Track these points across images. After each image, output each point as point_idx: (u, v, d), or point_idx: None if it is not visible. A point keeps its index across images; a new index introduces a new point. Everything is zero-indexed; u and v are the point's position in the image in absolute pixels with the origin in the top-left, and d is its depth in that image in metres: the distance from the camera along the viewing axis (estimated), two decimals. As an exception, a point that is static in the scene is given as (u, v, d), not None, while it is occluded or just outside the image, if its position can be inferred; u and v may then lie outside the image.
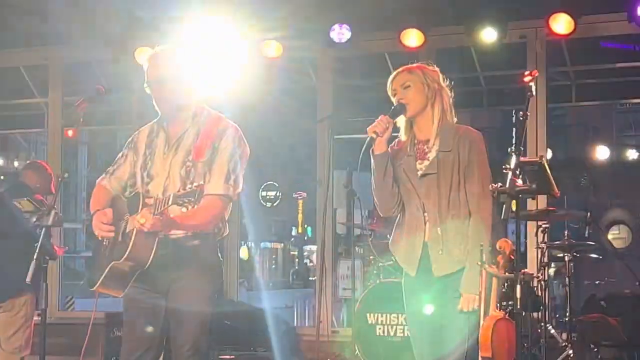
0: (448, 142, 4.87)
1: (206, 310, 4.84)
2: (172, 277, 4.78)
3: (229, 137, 4.82)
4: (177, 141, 4.88)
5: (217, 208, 4.75)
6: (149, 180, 4.88)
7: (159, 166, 4.88)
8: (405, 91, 4.90)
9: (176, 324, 4.81)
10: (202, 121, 4.90)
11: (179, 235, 4.77)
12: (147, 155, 4.94)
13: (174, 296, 4.79)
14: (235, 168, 4.79)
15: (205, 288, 4.82)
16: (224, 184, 4.75)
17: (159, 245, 4.68)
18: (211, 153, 4.79)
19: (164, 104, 4.88)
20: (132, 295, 4.86)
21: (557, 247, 8.28)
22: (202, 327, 4.83)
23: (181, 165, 4.81)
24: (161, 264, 4.73)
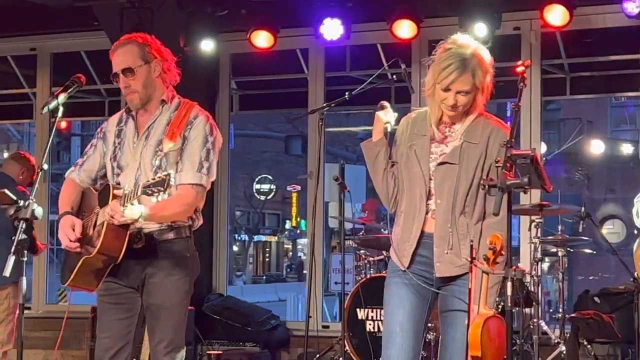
0: (476, 134, 4.47)
1: (183, 305, 4.75)
2: (147, 271, 4.69)
3: (200, 125, 4.72)
4: (147, 130, 4.78)
5: (190, 197, 4.67)
6: (120, 171, 4.78)
7: (129, 156, 4.77)
8: (460, 98, 4.41)
9: (153, 320, 4.72)
10: (172, 109, 4.79)
11: (152, 228, 4.67)
12: (117, 145, 4.83)
13: (149, 291, 4.69)
14: (208, 156, 4.70)
15: (181, 282, 4.72)
16: (197, 172, 4.66)
17: (132, 239, 4.58)
18: (182, 142, 4.68)
19: (132, 95, 4.77)
20: (107, 291, 4.77)
21: (550, 242, 8.20)
22: (179, 323, 4.74)
23: (152, 155, 4.71)
24: (135, 258, 4.63)
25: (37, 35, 10.71)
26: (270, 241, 36.74)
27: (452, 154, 4.49)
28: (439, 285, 4.53)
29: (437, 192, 4.48)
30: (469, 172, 4.45)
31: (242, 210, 33.94)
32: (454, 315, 4.50)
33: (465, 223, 4.45)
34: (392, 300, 4.60)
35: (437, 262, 4.47)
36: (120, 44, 4.82)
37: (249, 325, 9.55)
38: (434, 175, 4.50)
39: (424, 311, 4.59)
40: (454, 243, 4.45)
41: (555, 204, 8.23)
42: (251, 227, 35.12)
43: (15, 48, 11.00)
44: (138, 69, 4.74)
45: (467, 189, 4.45)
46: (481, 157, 4.46)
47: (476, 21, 8.50)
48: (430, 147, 4.54)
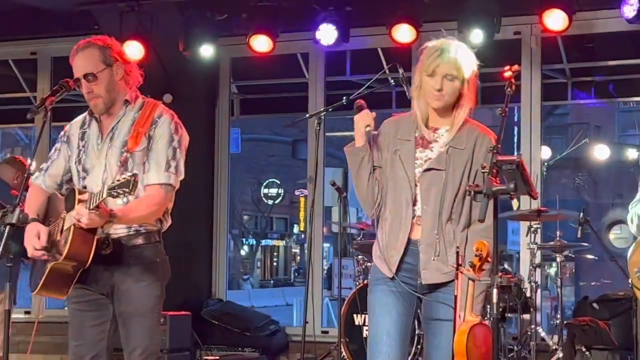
0: (462, 140, 4.42)
1: (155, 311, 4.69)
2: (116, 278, 4.63)
3: (165, 124, 4.67)
4: (111, 131, 4.71)
5: (159, 197, 4.60)
6: (85, 174, 4.71)
7: (94, 159, 4.71)
8: (448, 84, 4.39)
9: (125, 328, 4.65)
10: (136, 109, 4.73)
11: (121, 234, 4.62)
12: (81, 148, 4.77)
13: (119, 299, 4.63)
14: (175, 155, 4.65)
15: (152, 288, 4.66)
16: (164, 172, 4.61)
17: (100, 245, 4.52)
18: (148, 142, 4.62)
19: (96, 100, 4.70)
20: (77, 298, 4.71)
21: (549, 248, 8.15)
22: (153, 329, 4.68)
23: (118, 156, 4.64)
24: (103, 264, 4.57)
25: (38, 39, 10.72)
26: (278, 245, 36.69)
27: (439, 160, 4.44)
28: (424, 292, 4.47)
29: (424, 199, 4.43)
30: (456, 178, 4.40)
31: (249, 214, 33.92)
32: (438, 324, 4.44)
33: (452, 230, 4.40)
34: (378, 308, 4.55)
35: (424, 269, 4.41)
36: (80, 48, 4.73)
37: (247, 330, 9.53)
38: (419, 181, 4.44)
39: (409, 319, 4.54)
40: (440, 250, 4.40)
41: (553, 210, 8.19)
42: (259, 231, 35.09)
43: (16, 52, 11.03)
44: (100, 73, 4.67)
45: (454, 196, 4.40)
46: (467, 162, 4.41)
47: (475, 26, 8.47)
48: (415, 152, 4.49)
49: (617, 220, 23.00)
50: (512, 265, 17.59)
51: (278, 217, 35.59)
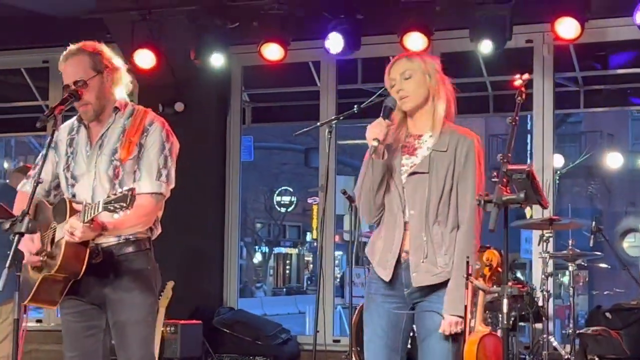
0: (444, 142, 4.47)
1: (149, 319, 4.65)
2: (107, 287, 4.59)
3: (156, 132, 4.62)
4: (100, 139, 4.66)
5: (149, 207, 4.54)
6: (74, 181, 4.67)
7: (83, 167, 4.65)
8: (406, 82, 4.47)
9: (119, 338, 4.62)
10: (126, 116, 4.68)
11: (111, 243, 4.58)
12: (69, 154, 4.72)
13: (112, 309, 4.60)
14: (166, 164, 4.60)
15: (144, 296, 4.62)
16: (155, 181, 4.56)
17: (91, 254, 4.48)
18: (139, 150, 4.58)
19: (86, 107, 4.66)
20: (69, 309, 4.68)
21: (560, 257, 8.12)
22: (147, 338, 4.64)
23: (107, 164, 4.59)
24: (94, 274, 4.53)
25: (50, 48, 10.70)
26: (291, 253, 36.67)
27: (422, 164, 4.49)
28: (414, 300, 4.51)
29: (410, 203, 4.47)
30: (439, 180, 4.45)
31: (262, 222, 33.93)
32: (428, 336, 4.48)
33: (439, 232, 4.44)
34: (368, 328, 4.65)
35: (414, 272, 4.44)
36: (70, 54, 4.70)
37: (259, 339, 9.50)
38: (405, 187, 4.49)
39: (398, 334, 4.57)
40: (429, 252, 4.43)
41: (566, 218, 8.16)
42: (272, 239, 35.09)
43: (28, 60, 11.04)
44: (90, 80, 4.62)
45: (439, 198, 4.44)
46: (450, 164, 4.46)
47: (487, 34, 8.44)
48: (402, 159, 4.53)
49: (630, 229, 22.94)
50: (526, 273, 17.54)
51: (291, 225, 35.61)
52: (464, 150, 4.45)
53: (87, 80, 4.62)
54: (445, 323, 4.35)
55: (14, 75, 11.40)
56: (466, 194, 4.43)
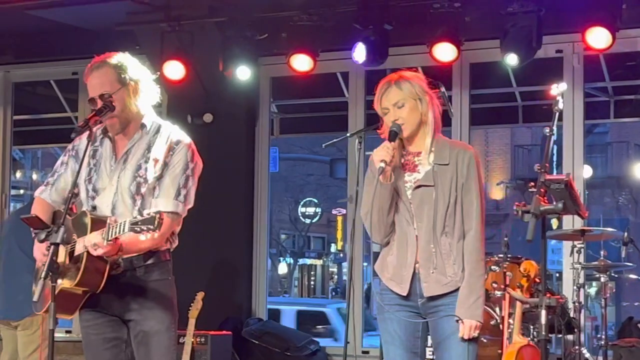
0: (444, 156, 4.65)
1: (171, 329, 4.67)
2: (128, 299, 4.61)
3: (182, 151, 4.63)
4: (125, 154, 4.66)
5: (165, 226, 4.46)
6: (95, 194, 4.67)
7: (105, 180, 4.66)
8: (400, 111, 4.64)
9: (141, 348, 4.64)
10: (152, 133, 4.68)
11: (131, 255, 4.58)
12: (92, 166, 4.71)
13: (133, 320, 4.62)
14: (187, 184, 4.61)
15: (166, 306, 4.64)
16: (174, 200, 4.57)
17: (111, 266, 4.50)
18: (162, 168, 4.59)
19: (112, 120, 4.65)
20: (89, 321, 4.70)
21: (593, 268, 8.06)
22: (169, 348, 4.66)
23: (131, 180, 4.60)
24: (114, 285, 4.55)
25: (79, 60, 10.71)
26: (316, 264, 36.63)
27: (426, 177, 4.63)
28: (428, 310, 4.62)
29: (417, 216, 4.61)
30: (445, 192, 4.59)
31: (287, 233, 33.92)
32: (445, 341, 4.58)
33: (447, 243, 4.58)
34: (385, 338, 4.75)
35: (424, 282, 4.57)
36: (95, 66, 4.69)
37: (288, 350, 9.48)
38: (412, 201, 4.62)
39: (416, 343, 4.69)
40: (437, 262, 4.56)
41: (597, 229, 8.09)
42: (296, 250, 35.07)
43: (58, 72, 11.07)
44: (116, 93, 4.63)
45: (445, 209, 4.59)
46: (453, 176, 4.61)
47: (517, 44, 8.40)
48: (404, 176, 4.67)
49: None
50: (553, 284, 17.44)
51: (315, 236, 35.59)
52: (465, 162, 4.63)
53: (112, 93, 4.62)
54: (465, 327, 4.46)
55: (43, 87, 11.45)
56: (471, 204, 4.60)
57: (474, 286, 4.50)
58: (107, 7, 9.48)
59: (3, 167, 11.26)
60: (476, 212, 4.56)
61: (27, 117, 11.67)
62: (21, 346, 7.35)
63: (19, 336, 7.36)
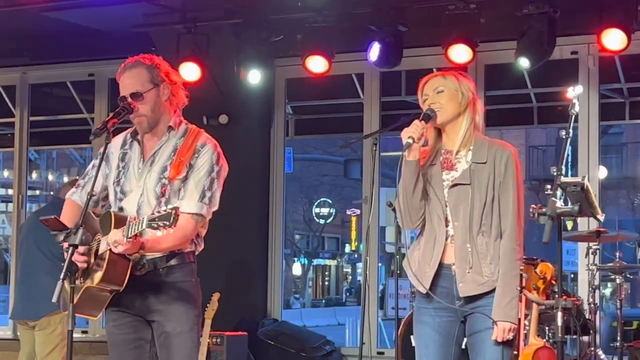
0: (482, 154, 4.61)
1: (194, 330, 4.68)
2: (151, 299, 4.63)
3: (207, 154, 4.65)
4: (152, 156, 4.70)
5: (189, 229, 4.55)
6: (123, 196, 4.70)
7: (133, 182, 4.70)
8: (438, 96, 4.61)
9: (164, 349, 4.65)
10: (179, 136, 4.72)
11: (155, 255, 4.61)
12: (121, 169, 4.75)
13: (158, 320, 4.64)
14: (212, 186, 4.63)
15: (188, 307, 4.66)
16: (198, 202, 4.58)
17: (135, 266, 4.53)
18: (188, 170, 4.61)
19: (140, 119, 4.69)
20: (114, 321, 4.73)
21: (608, 269, 8.05)
22: (192, 349, 4.67)
23: (156, 182, 4.63)
24: (138, 285, 4.58)
25: (95, 61, 10.82)
26: (330, 265, 36.68)
27: (463, 176, 4.59)
28: (464, 314, 4.58)
29: (453, 215, 4.57)
30: (482, 191, 4.55)
31: (301, 233, 33.97)
32: (479, 339, 4.54)
33: (484, 242, 4.53)
34: (419, 341, 4.72)
35: (460, 282, 4.53)
36: (128, 66, 4.71)
37: (303, 350, 9.51)
38: (448, 199, 4.58)
39: (450, 346, 4.64)
40: (474, 262, 4.52)
41: (613, 230, 8.10)
42: (310, 250, 35.11)
43: (74, 74, 11.14)
44: (147, 93, 4.66)
45: (482, 208, 4.54)
46: (490, 175, 4.56)
47: (533, 45, 8.41)
48: (442, 174, 4.63)
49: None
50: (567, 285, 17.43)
51: (330, 237, 35.64)
52: (503, 161, 4.58)
53: (143, 92, 4.65)
54: (499, 330, 4.42)
55: (59, 88, 11.50)
56: (508, 203, 4.54)
57: (509, 286, 4.45)
58: (123, 9, 9.53)
59: (20, 168, 11.33)
60: (513, 212, 4.51)
61: (43, 119, 11.72)
62: (39, 346, 7.40)
63: (37, 336, 7.41)
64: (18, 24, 9.98)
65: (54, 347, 7.34)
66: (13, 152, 11.40)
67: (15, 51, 10.83)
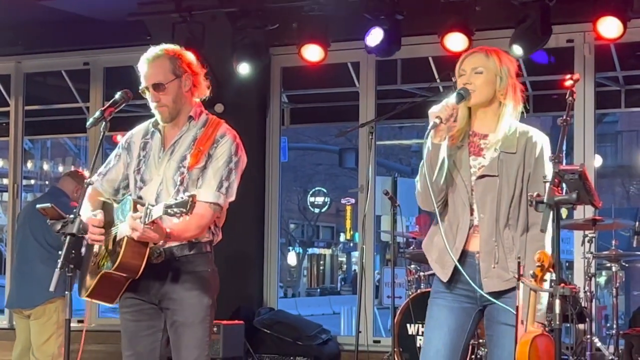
0: (512, 143, 4.39)
1: (207, 321, 4.67)
2: (167, 287, 4.64)
3: (226, 144, 4.67)
4: (172, 145, 4.72)
5: (207, 217, 4.56)
6: (142, 184, 4.73)
7: (153, 171, 4.72)
8: (476, 77, 4.39)
9: (176, 338, 4.66)
10: (199, 126, 4.74)
11: (172, 244, 4.62)
12: (142, 158, 4.79)
13: (171, 308, 4.65)
14: (229, 176, 4.64)
15: (203, 298, 4.66)
16: (216, 191, 4.60)
17: (152, 254, 4.54)
18: (206, 160, 4.63)
19: (162, 109, 4.72)
20: (128, 307, 4.73)
21: (604, 257, 8.07)
22: (203, 339, 4.66)
23: (175, 170, 4.65)
24: (154, 273, 4.59)
25: (90, 50, 10.81)
26: (325, 254, 36.70)
27: (491, 166, 4.41)
28: (484, 303, 4.45)
29: (480, 206, 4.40)
30: (510, 183, 4.38)
31: (296, 222, 33.97)
32: (499, 332, 4.42)
33: (510, 236, 4.38)
34: (431, 323, 4.56)
35: (485, 277, 4.39)
36: (151, 56, 4.74)
37: (299, 339, 9.51)
38: (474, 189, 4.42)
39: (462, 335, 4.51)
40: (500, 257, 4.38)
41: (608, 219, 8.10)
42: (305, 239, 35.13)
43: (69, 63, 11.11)
44: (169, 83, 4.69)
45: (509, 201, 4.38)
46: (520, 166, 4.39)
47: (528, 33, 8.41)
48: (469, 160, 4.46)
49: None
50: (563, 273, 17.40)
51: (324, 226, 35.66)
52: (534, 152, 4.40)
53: (165, 83, 4.68)
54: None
55: (54, 77, 11.48)
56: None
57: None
58: (118, -3, 9.53)
59: (15, 158, 11.31)
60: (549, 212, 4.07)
61: (38, 108, 11.70)
62: (34, 335, 7.41)
63: (32, 325, 7.42)
64: (13, 13, 9.96)
65: (50, 336, 7.35)
66: (8, 142, 11.37)
67: (9, 40, 10.80)
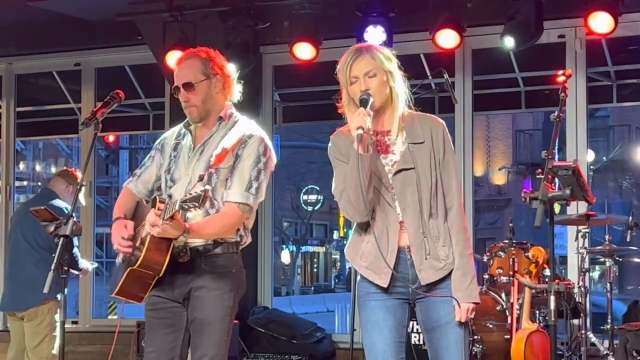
0: (417, 132, 4.41)
1: (226, 321, 4.71)
2: (192, 285, 4.69)
3: (254, 144, 4.71)
4: (202, 145, 4.79)
5: (234, 217, 4.63)
6: (172, 184, 4.80)
7: (182, 170, 4.80)
8: (370, 80, 4.37)
9: (196, 335, 4.71)
10: (229, 127, 4.80)
11: (198, 243, 4.67)
12: (173, 158, 4.87)
13: (193, 306, 4.69)
14: (258, 176, 4.69)
15: (225, 297, 4.69)
16: (244, 192, 4.65)
17: (178, 253, 4.62)
18: (235, 160, 4.68)
19: (191, 109, 4.79)
20: (152, 305, 4.79)
21: (598, 253, 8.07)
22: (222, 339, 4.70)
23: (203, 169, 4.71)
24: (180, 272, 4.66)
25: (81, 51, 10.79)
26: (318, 252, 36.73)
27: (404, 159, 4.41)
28: (418, 296, 4.44)
29: (401, 201, 4.40)
30: (426, 173, 4.41)
31: (289, 221, 34.00)
32: (442, 327, 4.43)
33: (435, 225, 4.41)
34: (370, 327, 4.49)
35: (419, 270, 4.39)
36: (184, 57, 4.87)
37: (294, 337, 9.52)
38: (393, 186, 4.41)
39: (403, 330, 4.52)
40: (430, 247, 4.39)
41: (602, 214, 8.11)
42: (299, 237, 35.15)
43: (60, 63, 11.09)
44: (199, 84, 4.76)
45: (429, 191, 4.41)
46: (431, 154, 4.42)
47: (519, 29, 8.40)
48: (380, 159, 4.43)
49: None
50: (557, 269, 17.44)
51: (318, 224, 35.70)
52: (440, 137, 4.44)
53: (195, 83, 4.76)
54: (463, 311, 4.33)
55: (46, 78, 11.47)
56: (450, 180, 4.43)
57: (467, 267, 4.36)
58: (108, -3, 9.50)
59: (7, 159, 11.29)
60: (456, 187, 4.42)
61: (30, 109, 11.68)
62: (28, 338, 7.40)
63: (26, 327, 7.41)
64: (3, 14, 9.94)
65: (43, 338, 7.35)
66: (0, 143, 11.35)
67: (0, 41, 10.78)
